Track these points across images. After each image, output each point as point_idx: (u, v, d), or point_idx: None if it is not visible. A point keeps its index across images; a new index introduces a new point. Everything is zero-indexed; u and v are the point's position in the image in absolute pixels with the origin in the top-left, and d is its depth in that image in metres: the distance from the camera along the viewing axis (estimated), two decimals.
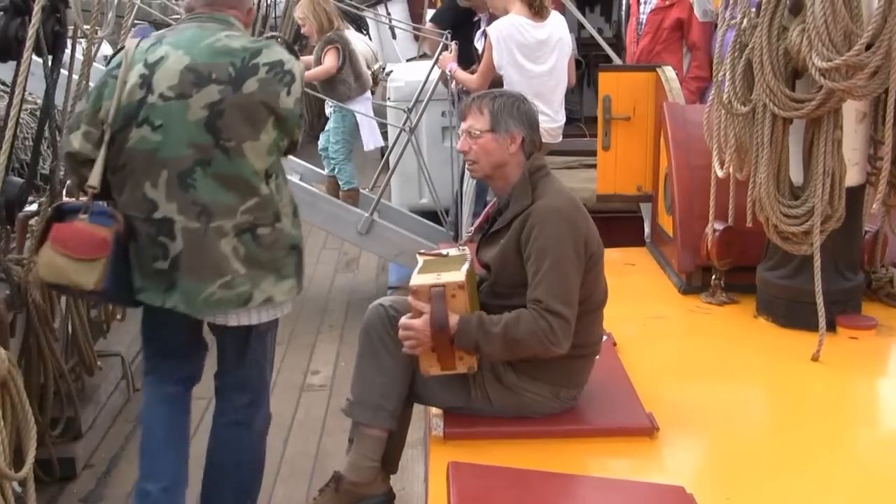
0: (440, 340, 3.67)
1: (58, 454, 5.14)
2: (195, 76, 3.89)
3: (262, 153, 3.96)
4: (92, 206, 3.97)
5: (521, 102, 3.95)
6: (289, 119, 4.00)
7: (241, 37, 4.05)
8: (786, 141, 4.50)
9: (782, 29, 4.34)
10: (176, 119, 3.90)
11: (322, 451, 5.54)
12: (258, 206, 3.98)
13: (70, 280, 3.92)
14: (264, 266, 4.06)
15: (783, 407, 4.24)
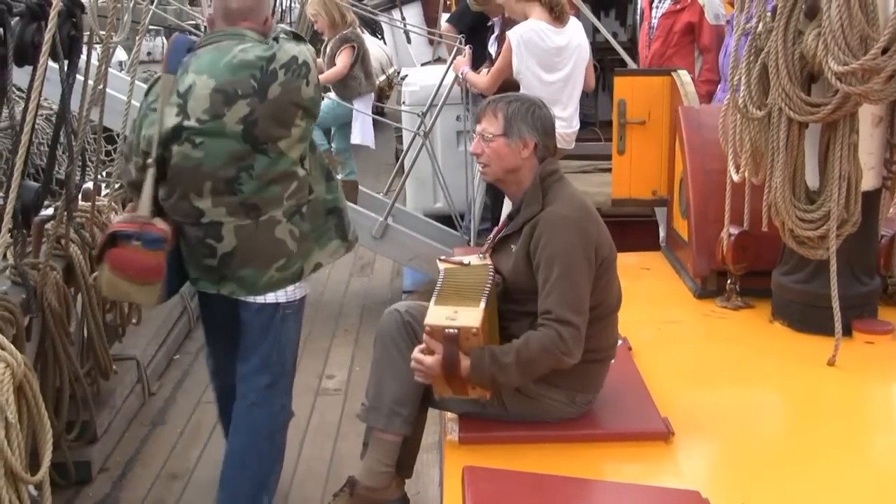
0: (451, 378, 3.69)
1: (73, 458, 5.16)
2: (223, 96, 4.16)
3: (295, 144, 4.29)
4: (144, 233, 4.22)
5: (537, 108, 3.93)
6: (312, 106, 4.35)
7: (254, 47, 4.24)
8: (801, 145, 4.48)
9: (798, 33, 4.32)
10: (214, 137, 4.18)
11: (337, 455, 5.54)
12: (298, 188, 4.34)
13: (133, 300, 4.67)
14: (309, 237, 4.43)
15: (799, 411, 4.22)
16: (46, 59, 4.11)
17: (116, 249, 4.23)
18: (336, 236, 4.55)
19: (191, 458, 5.57)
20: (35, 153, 6.28)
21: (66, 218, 5.10)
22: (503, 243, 3.99)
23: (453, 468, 3.58)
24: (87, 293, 5.29)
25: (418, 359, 3.72)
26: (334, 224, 4.55)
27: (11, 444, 3.48)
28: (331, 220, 4.53)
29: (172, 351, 7.04)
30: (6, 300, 4.18)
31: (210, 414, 6.09)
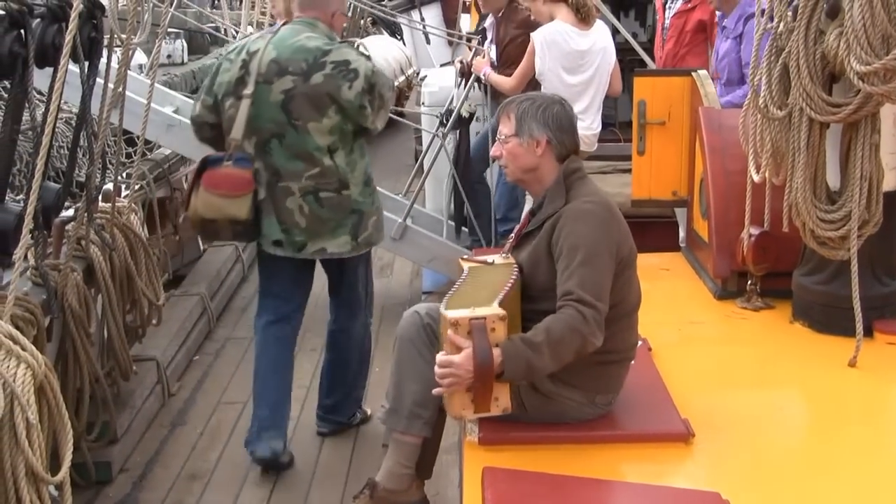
0: (482, 376, 3.53)
1: (94, 458, 5.18)
2: (277, 67, 4.97)
3: (324, 132, 4.97)
4: (234, 154, 4.99)
5: (551, 105, 3.92)
6: (349, 108, 4.96)
7: (319, 38, 5.04)
8: (822, 145, 4.46)
9: (819, 33, 4.30)
10: (263, 98, 4.97)
11: (356, 456, 5.53)
12: (320, 174, 5.02)
13: (225, 214, 4.97)
14: (325, 223, 5.10)
15: (820, 413, 4.20)
16: (67, 60, 4.12)
17: (209, 171, 4.98)
18: (348, 233, 5.16)
19: (210, 459, 5.58)
20: (55, 156, 6.29)
21: (87, 219, 5.11)
22: (525, 240, 3.99)
23: (473, 469, 3.58)
24: (108, 294, 5.31)
25: (445, 361, 3.57)
26: (352, 223, 5.15)
27: (32, 444, 3.49)
28: (350, 219, 5.14)
29: (192, 352, 7.05)
30: (27, 301, 4.20)
31: (230, 414, 6.12)
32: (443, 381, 3.60)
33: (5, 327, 3.65)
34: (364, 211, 5.18)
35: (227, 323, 7.80)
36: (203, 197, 4.96)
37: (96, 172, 5.18)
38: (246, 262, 8.93)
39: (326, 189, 5.04)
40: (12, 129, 4.23)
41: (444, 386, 3.61)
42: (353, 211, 5.14)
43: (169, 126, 7.23)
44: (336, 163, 5.03)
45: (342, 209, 5.10)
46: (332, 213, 5.09)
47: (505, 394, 3.65)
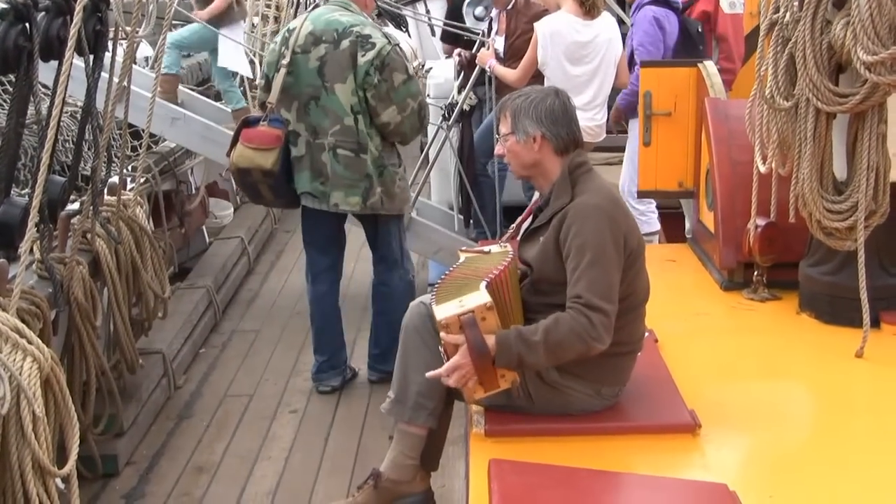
0: (483, 365, 3.59)
1: (100, 451, 5.19)
2: (313, 38, 5.75)
3: (347, 93, 5.71)
4: (269, 115, 5.81)
5: (543, 100, 3.89)
6: (358, 74, 5.67)
7: (351, 15, 5.80)
8: (829, 136, 4.44)
9: (826, 23, 4.28)
10: (301, 67, 5.76)
11: (363, 448, 5.55)
12: (341, 131, 5.75)
13: (255, 163, 5.78)
14: (340, 180, 5.82)
15: (827, 404, 4.18)
16: (72, 54, 4.12)
17: (247, 129, 5.83)
18: (360, 195, 5.85)
19: (217, 452, 5.58)
20: (60, 149, 6.29)
21: (93, 212, 5.11)
22: (532, 236, 3.97)
23: (479, 461, 3.57)
24: (114, 287, 5.32)
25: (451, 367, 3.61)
26: (364, 186, 5.82)
27: (39, 437, 3.49)
28: (364, 182, 5.82)
29: (198, 344, 7.07)
30: (33, 294, 4.20)
31: (236, 407, 6.13)
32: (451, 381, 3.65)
33: (11, 321, 3.65)
34: (375, 178, 5.82)
35: (233, 315, 7.81)
36: (239, 149, 5.81)
37: (102, 166, 5.17)
38: (251, 255, 8.94)
39: (344, 147, 5.77)
40: (17, 122, 4.23)
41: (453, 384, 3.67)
42: (367, 175, 5.80)
43: (174, 119, 7.23)
44: (357, 126, 5.73)
45: (357, 170, 5.79)
46: (347, 171, 5.79)
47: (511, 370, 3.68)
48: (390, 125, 5.77)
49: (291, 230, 10.14)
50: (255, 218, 9.66)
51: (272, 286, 8.50)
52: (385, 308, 6.18)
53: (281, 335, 7.31)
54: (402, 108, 5.74)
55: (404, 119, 5.78)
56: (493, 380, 3.65)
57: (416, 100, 5.82)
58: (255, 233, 9.42)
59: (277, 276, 8.78)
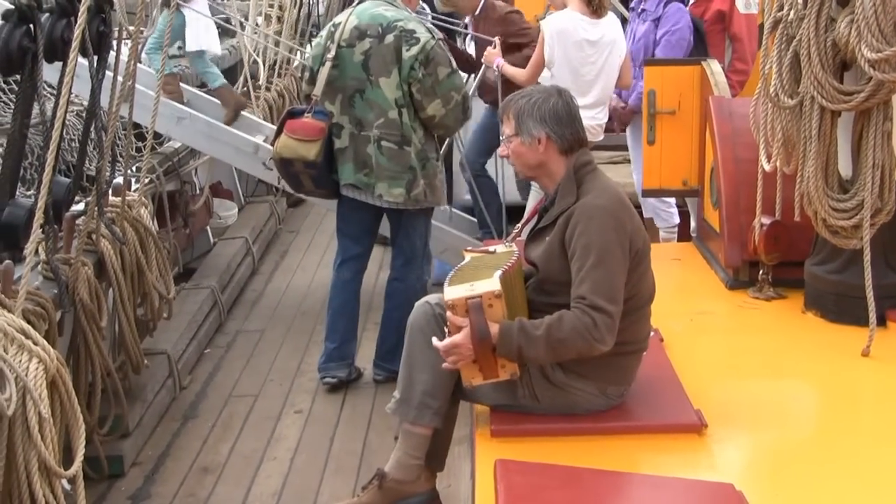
0: (483, 351, 3.61)
1: (106, 452, 5.18)
2: (358, 32, 5.86)
3: (392, 87, 5.81)
4: (314, 107, 5.94)
5: (546, 100, 3.88)
6: (404, 67, 5.78)
7: (395, 10, 5.93)
8: (834, 134, 4.44)
9: (830, 20, 4.28)
10: (346, 60, 5.88)
11: (368, 447, 5.54)
12: (385, 124, 5.85)
13: (298, 154, 5.92)
14: (383, 171, 5.90)
15: (833, 403, 4.18)
16: (77, 54, 4.11)
17: (291, 120, 5.97)
18: (403, 187, 5.93)
19: (222, 453, 5.58)
20: (65, 149, 6.29)
21: (98, 213, 5.11)
22: (538, 236, 3.97)
23: (485, 461, 3.57)
24: (119, 288, 5.31)
25: (448, 345, 3.66)
26: (408, 178, 5.91)
27: (45, 438, 3.49)
28: (407, 174, 5.91)
29: (203, 345, 7.06)
30: (39, 295, 4.20)
31: (241, 407, 6.13)
32: (449, 360, 3.71)
33: (17, 322, 3.65)
34: (418, 170, 5.92)
35: (238, 316, 7.80)
36: (283, 140, 5.95)
37: (107, 166, 5.17)
38: (256, 255, 8.94)
39: (388, 139, 5.87)
40: (22, 123, 4.23)
41: (450, 363, 3.72)
42: (411, 167, 5.91)
43: (179, 119, 7.23)
44: (402, 119, 5.85)
45: (400, 163, 5.89)
46: (390, 163, 5.88)
47: (511, 361, 3.69)
48: (435, 118, 5.90)
49: (295, 230, 10.15)
50: (259, 218, 9.66)
51: (277, 286, 8.49)
52: (397, 304, 6.19)
53: (286, 335, 7.31)
54: (446, 101, 5.87)
55: (448, 112, 5.90)
56: (492, 368, 3.68)
57: (459, 92, 5.94)
58: (260, 233, 9.42)
59: (282, 276, 8.77)
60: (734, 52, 7.30)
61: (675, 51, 6.92)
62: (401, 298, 6.14)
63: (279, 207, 10.35)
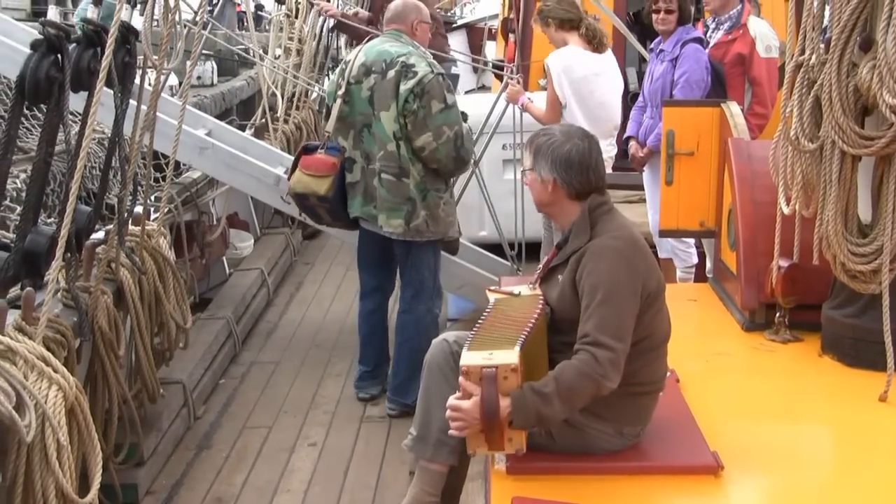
0: (489, 423, 3.54)
1: (120, 480, 5.20)
2: (364, 69, 6.12)
3: (391, 120, 6.00)
4: (327, 143, 6.27)
5: (562, 144, 3.86)
6: (399, 99, 5.96)
7: (400, 45, 6.15)
8: (854, 178, 4.44)
9: (852, 65, 4.29)
10: (355, 97, 6.16)
11: (382, 482, 5.54)
12: (385, 157, 6.05)
13: (310, 189, 6.24)
14: (384, 202, 6.11)
15: (850, 448, 4.16)
16: (103, 84, 4.16)
17: (305, 156, 6.29)
18: (402, 218, 6.09)
19: (236, 484, 5.59)
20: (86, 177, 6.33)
21: (118, 242, 5.13)
22: (551, 274, 3.98)
23: (501, 498, 3.57)
24: (137, 317, 5.33)
25: (454, 405, 3.59)
26: (407, 209, 6.07)
27: (63, 465, 3.52)
28: (406, 206, 6.08)
29: (218, 375, 7.08)
30: (59, 323, 4.22)
31: (255, 439, 6.13)
32: (453, 424, 3.62)
33: (37, 349, 3.68)
34: (419, 202, 6.08)
35: (253, 347, 7.82)
36: (297, 175, 6.28)
37: (128, 196, 5.20)
38: (271, 287, 8.96)
39: (387, 171, 6.06)
40: (46, 152, 4.26)
41: (454, 429, 3.63)
42: (409, 199, 6.07)
43: (202, 149, 7.27)
44: (399, 151, 6.02)
45: (399, 194, 6.07)
46: (389, 195, 6.07)
47: (520, 435, 3.62)
48: (425, 150, 6.01)
49: (310, 262, 10.18)
50: (274, 250, 9.70)
51: (291, 318, 8.51)
52: (407, 337, 6.35)
53: (300, 367, 7.32)
54: (437, 135, 5.99)
55: (439, 146, 6.00)
56: (499, 440, 3.60)
57: (451, 129, 6.03)
58: (275, 265, 9.45)
59: (297, 308, 8.79)
60: (754, 95, 7.31)
61: (692, 92, 6.96)
62: (410, 331, 6.32)
63: (295, 239, 10.39)
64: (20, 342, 3.65)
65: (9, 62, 6.42)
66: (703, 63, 7.06)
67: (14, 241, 4.21)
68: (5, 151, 4.00)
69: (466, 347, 3.66)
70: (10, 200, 5.67)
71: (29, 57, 4.00)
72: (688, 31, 7.20)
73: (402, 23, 6.31)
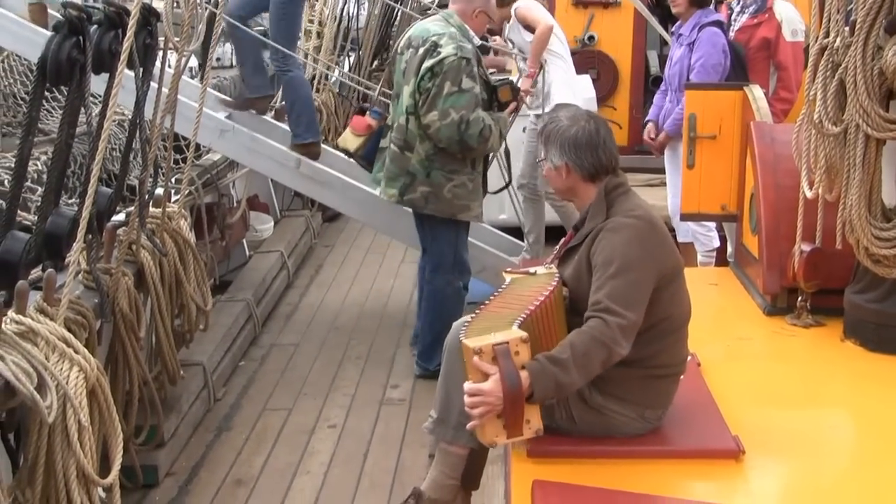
0: (513, 400, 3.49)
1: (141, 462, 5.22)
2: (407, 43, 6.45)
3: (408, 95, 6.28)
4: (372, 106, 6.88)
5: (570, 127, 3.86)
6: (418, 76, 6.19)
7: (443, 25, 6.35)
8: (878, 162, 4.41)
9: (877, 48, 4.26)
10: (399, 67, 6.48)
11: (401, 465, 5.54)
12: (397, 128, 6.38)
13: (345, 144, 6.77)
14: (387, 171, 6.44)
15: (872, 433, 4.14)
16: (124, 66, 4.15)
17: (357, 116, 6.79)
18: (397, 189, 6.39)
19: (255, 465, 5.60)
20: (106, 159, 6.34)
21: (139, 224, 5.14)
22: (568, 255, 3.97)
23: (521, 481, 3.56)
24: (157, 299, 5.34)
25: (474, 389, 3.52)
26: (403, 182, 6.36)
27: (84, 446, 3.52)
28: (403, 178, 6.35)
29: (238, 357, 7.09)
30: (80, 304, 4.23)
31: (275, 420, 6.15)
32: (474, 411, 3.54)
33: (59, 330, 3.69)
34: (419, 177, 6.31)
35: (273, 329, 7.83)
36: (345, 133, 6.82)
37: (149, 178, 5.21)
38: (291, 269, 8.97)
39: (395, 143, 6.38)
40: (68, 133, 4.27)
41: (475, 416, 3.55)
42: (409, 173, 6.32)
43: (222, 131, 7.28)
44: (408, 126, 6.29)
45: (400, 165, 6.35)
46: (392, 165, 6.39)
47: (536, 416, 3.61)
48: (430, 128, 6.19)
49: (330, 245, 10.18)
50: (294, 232, 9.70)
51: (311, 300, 8.51)
52: (430, 306, 6.64)
53: (320, 350, 7.32)
54: (442, 116, 6.13)
55: (442, 126, 6.13)
56: (518, 423, 3.56)
57: (458, 112, 6.11)
58: (295, 247, 9.46)
59: (317, 290, 8.80)
60: (779, 80, 7.25)
61: (709, 77, 6.93)
62: (432, 301, 6.62)
63: (315, 222, 10.39)
64: (41, 323, 3.65)
65: (30, 45, 6.44)
66: (719, 47, 7.01)
67: (35, 222, 4.22)
68: (27, 132, 4.01)
69: (464, 336, 3.60)
70: (31, 182, 5.67)
71: (51, 38, 4.00)
72: (706, 15, 7.17)
73: (463, 4, 6.44)
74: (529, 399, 3.54)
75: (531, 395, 3.52)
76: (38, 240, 4.09)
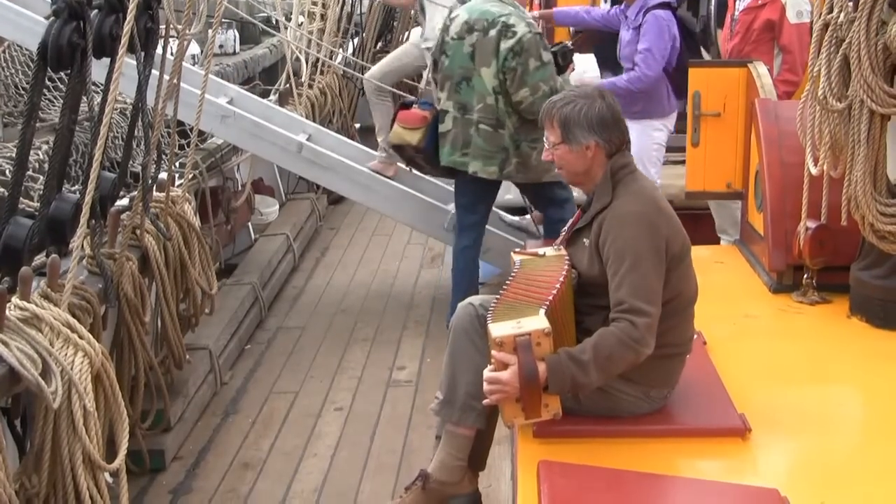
0: (529, 390, 3.55)
1: (147, 446, 5.23)
2: (467, 26, 6.52)
3: (491, 76, 6.44)
4: (420, 98, 7.09)
5: (591, 105, 3.84)
6: (500, 57, 6.38)
7: (500, 5, 6.51)
8: (883, 138, 4.39)
9: (881, 23, 4.24)
10: (456, 52, 6.57)
11: (408, 447, 5.54)
12: (483, 109, 6.50)
13: (404, 140, 6.82)
14: (480, 150, 6.54)
15: (879, 409, 4.14)
16: (125, 51, 4.14)
17: (402, 111, 6.89)
18: (497, 165, 6.54)
19: (263, 449, 5.60)
20: (109, 146, 6.33)
21: (143, 209, 5.13)
22: (576, 236, 3.96)
23: (527, 462, 3.56)
24: (162, 283, 5.33)
25: (492, 378, 3.60)
26: (501, 158, 6.52)
27: (89, 431, 3.52)
28: (500, 154, 6.52)
29: (244, 341, 7.09)
30: (84, 289, 4.22)
31: (281, 404, 6.15)
32: (491, 397, 3.62)
33: (63, 316, 3.68)
34: (511, 151, 6.51)
35: (279, 312, 7.82)
36: (394, 128, 6.88)
37: (152, 162, 5.20)
38: (297, 252, 8.96)
39: (485, 123, 6.49)
40: (70, 119, 4.25)
41: (492, 401, 3.64)
42: (504, 148, 6.50)
43: (223, 117, 7.26)
44: (497, 105, 6.45)
45: (495, 143, 6.50)
46: (486, 144, 6.51)
47: (555, 400, 3.64)
48: (523, 104, 6.40)
49: (336, 228, 10.17)
50: (300, 215, 9.68)
51: (317, 283, 8.51)
52: None
53: (326, 333, 7.32)
54: (534, 90, 6.36)
55: (536, 100, 6.26)
56: (536, 407, 3.61)
57: (547, 84, 6.38)
58: (301, 230, 9.44)
59: (322, 273, 8.79)
60: (784, 62, 7.15)
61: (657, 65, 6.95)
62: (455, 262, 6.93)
63: (320, 205, 10.37)
64: (46, 309, 3.65)
65: (29, 33, 6.43)
66: (665, 34, 7.00)
67: (39, 208, 4.21)
68: (29, 118, 3.99)
69: (490, 319, 3.66)
70: (32, 171, 5.66)
71: (51, 23, 3.97)
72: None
73: None
74: (546, 390, 3.57)
75: (546, 387, 3.56)
76: (42, 225, 4.07)
